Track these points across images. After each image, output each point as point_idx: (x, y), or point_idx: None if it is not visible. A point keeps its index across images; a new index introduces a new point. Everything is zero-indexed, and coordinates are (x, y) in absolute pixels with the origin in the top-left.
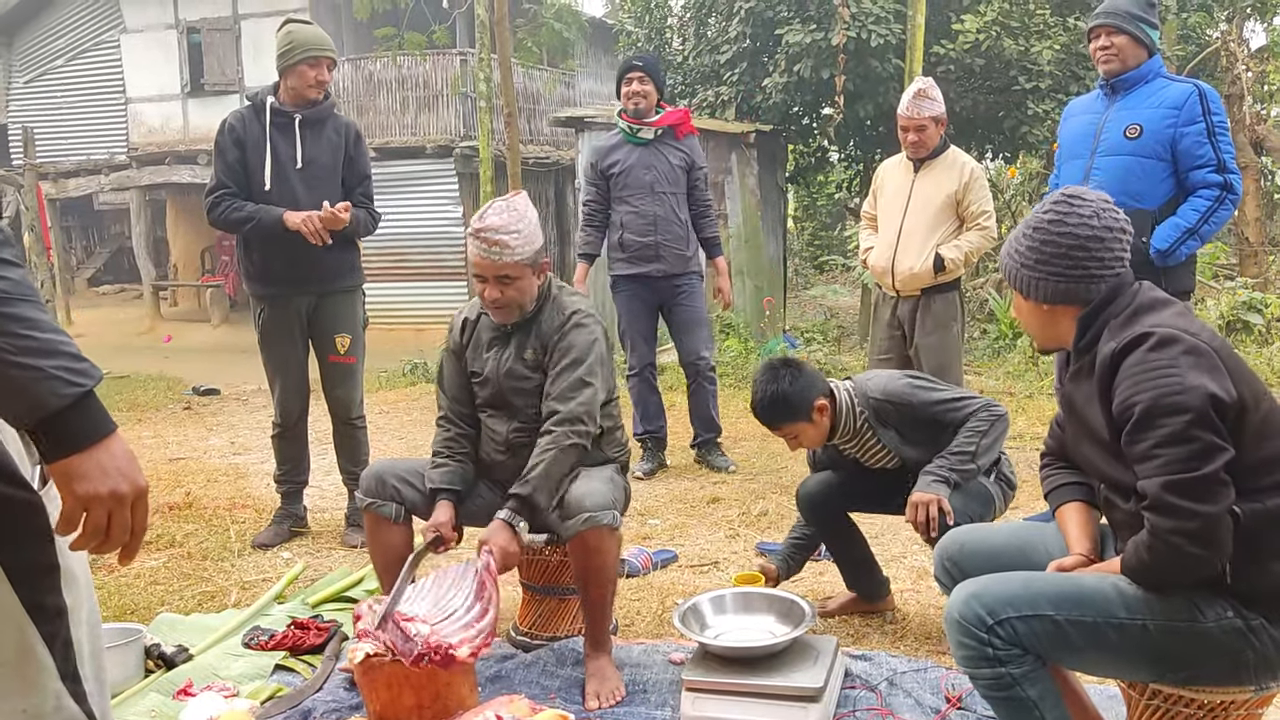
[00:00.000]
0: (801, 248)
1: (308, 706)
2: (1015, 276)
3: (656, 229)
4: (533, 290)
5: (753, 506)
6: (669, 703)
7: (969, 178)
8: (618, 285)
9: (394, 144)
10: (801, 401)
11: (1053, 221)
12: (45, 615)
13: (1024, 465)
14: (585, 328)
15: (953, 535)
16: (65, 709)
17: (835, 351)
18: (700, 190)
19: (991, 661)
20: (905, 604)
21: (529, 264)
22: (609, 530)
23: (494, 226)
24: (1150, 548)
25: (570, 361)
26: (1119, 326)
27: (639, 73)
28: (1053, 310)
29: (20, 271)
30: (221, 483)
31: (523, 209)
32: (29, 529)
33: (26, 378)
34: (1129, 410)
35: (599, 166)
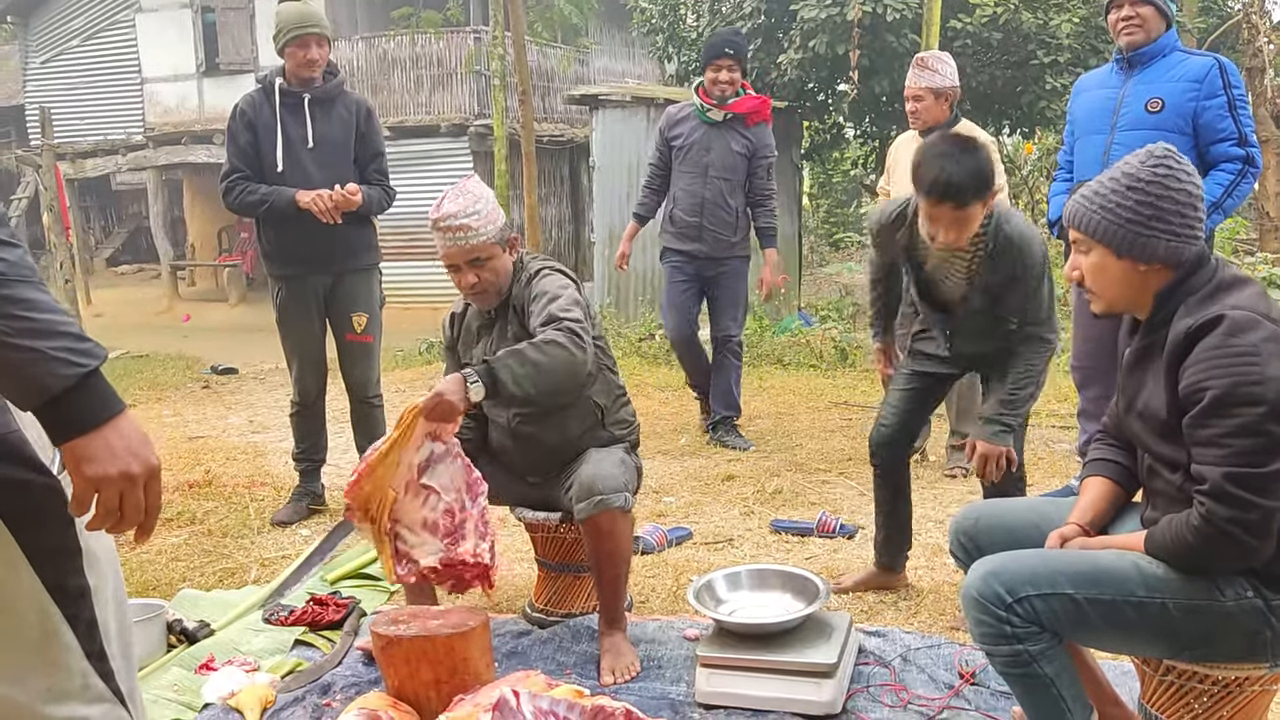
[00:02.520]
0: (817, 225)
1: (327, 680)
2: (1111, 233)
3: (703, 212)
4: (507, 267)
5: (767, 484)
6: (684, 678)
7: None
8: (665, 255)
9: (409, 123)
10: (990, 180)
11: (1159, 179)
12: (68, 596)
13: (1040, 443)
14: (550, 275)
15: (968, 511)
16: (92, 687)
17: (851, 329)
18: (760, 179)
19: (1009, 639)
20: (919, 581)
21: (497, 241)
22: (621, 512)
23: (452, 213)
24: (1199, 531)
25: (546, 299)
26: (1196, 304)
27: (728, 60)
28: (1149, 270)
29: (18, 252)
30: (240, 461)
31: (477, 190)
32: (49, 513)
33: (26, 360)
34: (1199, 394)
35: (665, 133)
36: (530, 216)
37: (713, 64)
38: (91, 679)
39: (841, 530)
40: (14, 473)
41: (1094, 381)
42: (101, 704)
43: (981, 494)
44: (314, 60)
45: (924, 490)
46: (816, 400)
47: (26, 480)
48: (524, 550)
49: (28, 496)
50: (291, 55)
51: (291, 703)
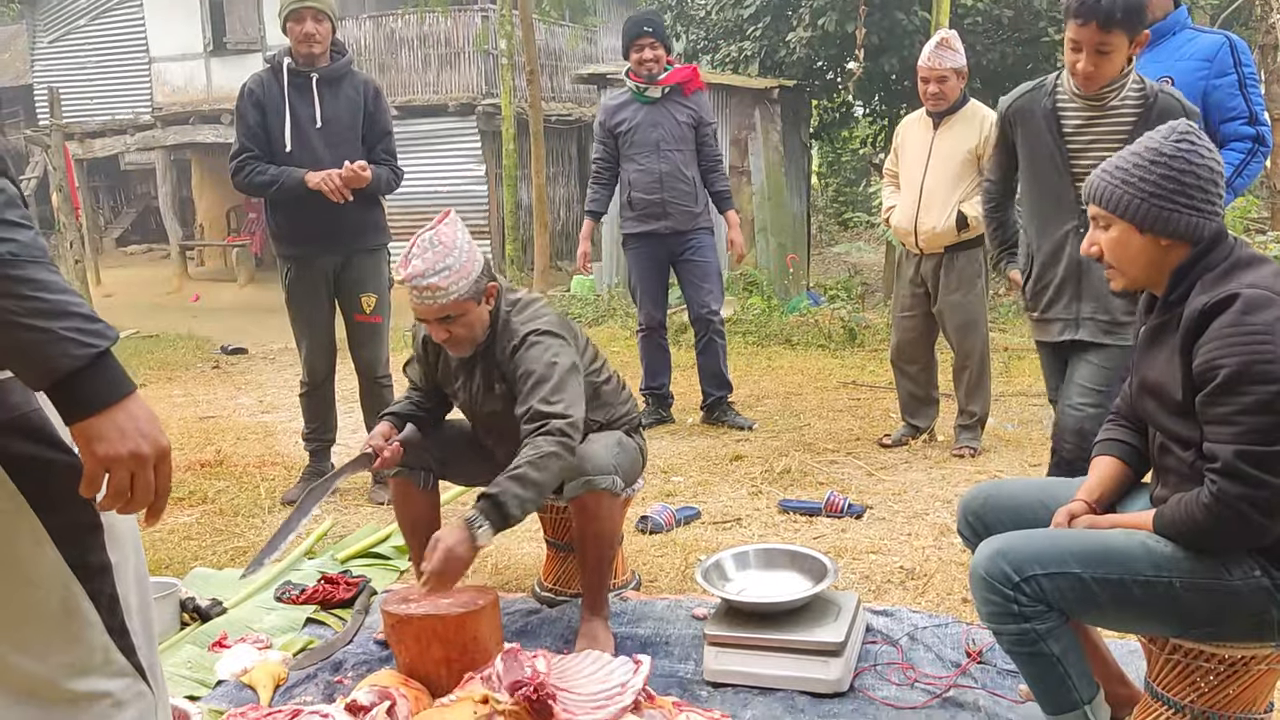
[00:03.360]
0: (825, 204)
1: (339, 658)
2: (1134, 208)
3: (663, 186)
4: (482, 319)
5: (775, 464)
6: (692, 656)
7: (989, 131)
8: (628, 243)
9: (416, 102)
10: (1142, 18)
11: (1181, 154)
12: (89, 572)
13: (1048, 423)
14: (539, 344)
15: (976, 491)
16: (114, 662)
17: (860, 309)
18: (709, 145)
19: (1017, 618)
20: (927, 561)
21: (469, 297)
22: (608, 495)
23: (420, 272)
24: (1209, 509)
25: (536, 380)
26: (1212, 281)
27: (649, 39)
28: (1170, 245)
29: (29, 233)
30: (251, 441)
31: (449, 239)
32: (71, 491)
33: (37, 340)
34: (1213, 371)
35: (607, 125)
36: (538, 196)
37: (634, 45)
38: (113, 654)
39: (850, 510)
40: (36, 450)
41: None
42: (123, 678)
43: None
44: (310, 34)
45: (932, 470)
46: (825, 380)
47: (48, 458)
48: (533, 530)
49: (50, 474)
50: (290, 32)
51: (304, 680)
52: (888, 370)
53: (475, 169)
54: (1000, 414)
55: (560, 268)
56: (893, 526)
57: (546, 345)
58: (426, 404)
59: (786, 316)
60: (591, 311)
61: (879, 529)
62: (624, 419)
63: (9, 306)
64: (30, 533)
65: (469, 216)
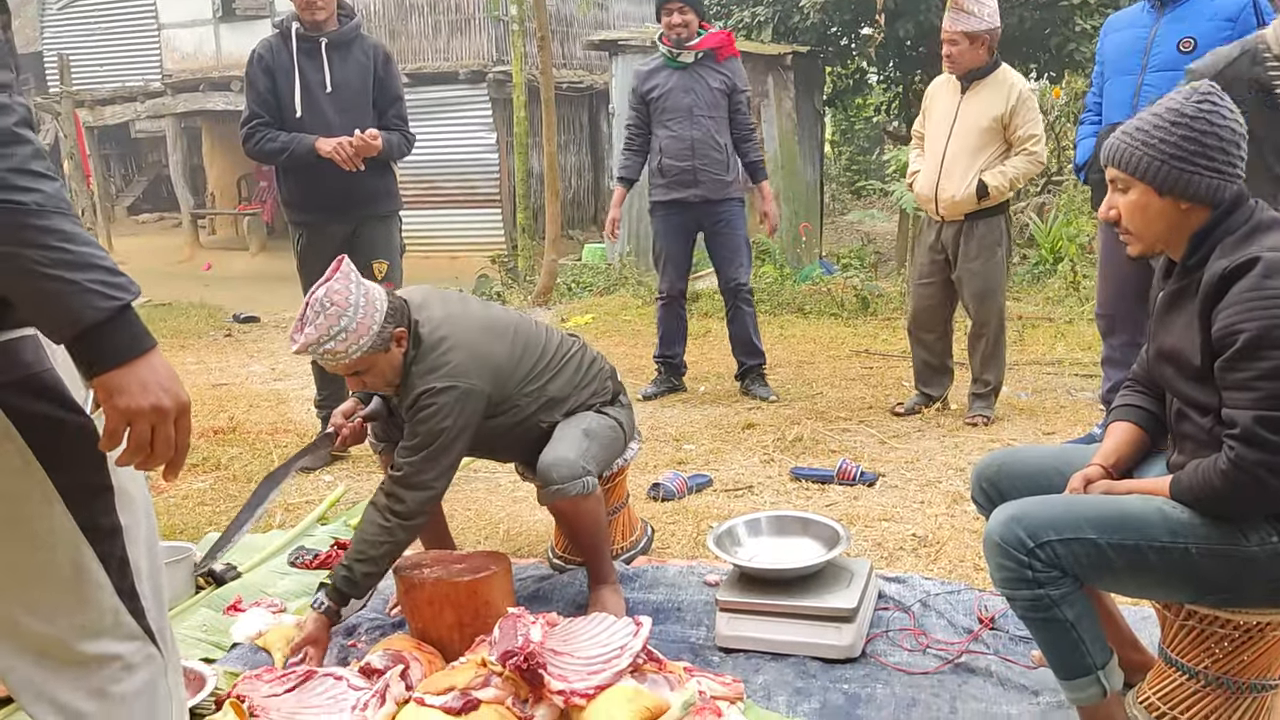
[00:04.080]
0: (838, 173)
1: (352, 623)
2: (1154, 170)
3: (694, 153)
4: (395, 362)
5: (787, 432)
6: (704, 622)
7: (1016, 100)
8: (656, 210)
9: (427, 69)
10: None
11: (1203, 115)
12: (100, 534)
13: (1062, 391)
14: (429, 408)
15: (990, 458)
16: (124, 624)
17: (872, 278)
18: (742, 114)
19: (1031, 583)
20: (939, 528)
21: (374, 350)
22: (581, 498)
23: (313, 341)
24: (1227, 475)
25: (414, 444)
26: (1232, 245)
27: (677, 3)
28: (1190, 209)
29: (54, 185)
30: (263, 408)
31: (340, 298)
32: (83, 451)
33: (62, 291)
34: (1232, 336)
35: (639, 90)
36: (549, 165)
37: (664, 8)
38: (123, 616)
39: (862, 478)
40: (48, 410)
41: (1119, 329)
42: (133, 641)
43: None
44: (312, 1)
45: (945, 438)
46: (837, 349)
47: (60, 418)
48: None
49: (61, 434)
50: None
51: None
52: (900, 339)
53: (486, 137)
54: (1014, 382)
55: (572, 236)
56: (905, 494)
57: (436, 408)
58: None
59: (799, 285)
60: (603, 280)
61: (891, 496)
62: (594, 397)
63: (33, 257)
64: (40, 492)
65: (480, 185)
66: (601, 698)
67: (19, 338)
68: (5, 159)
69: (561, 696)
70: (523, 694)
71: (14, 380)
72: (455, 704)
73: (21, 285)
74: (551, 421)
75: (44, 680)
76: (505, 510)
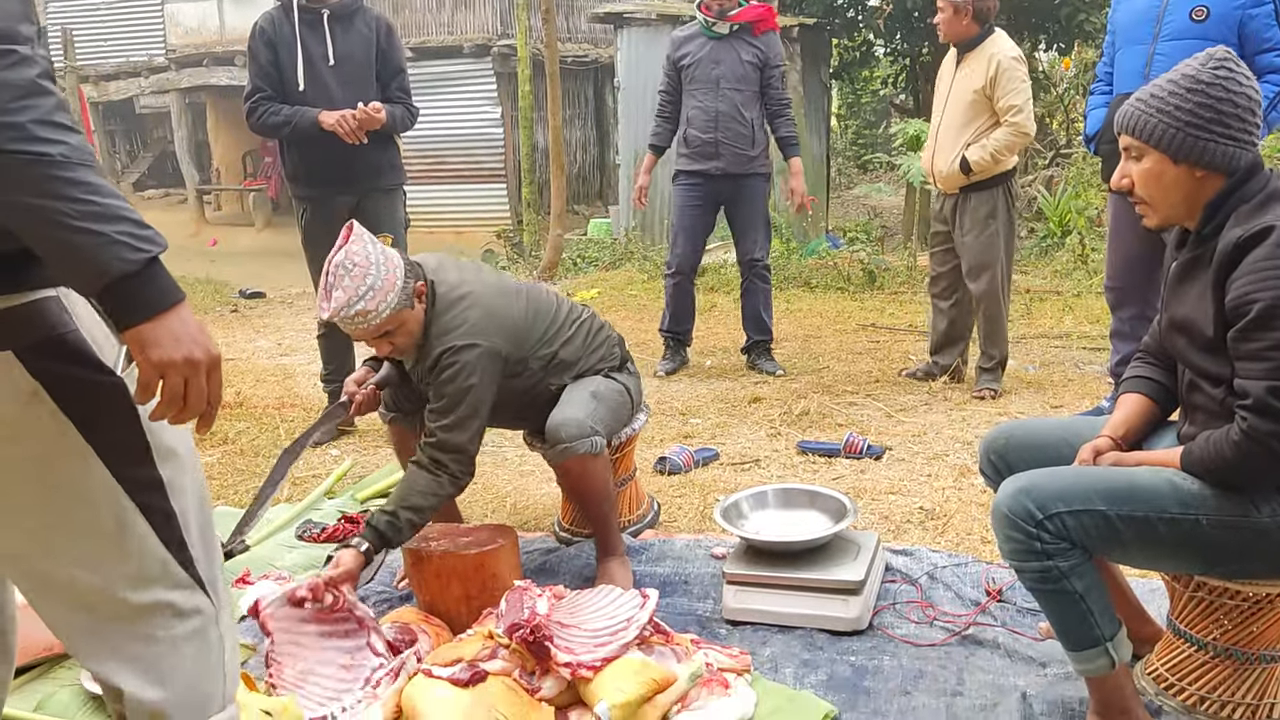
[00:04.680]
0: (845, 147)
1: (360, 595)
2: (1169, 137)
3: (718, 126)
4: (419, 319)
5: (794, 406)
6: (711, 595)
7: (996, 70)
8: (678, 179)
9: (431, 43)
10: None
11: (1219, 81)
12: (139, 486)
13: (1070, 365)
14: (453, 367)
15: (999, 430)
16: (172, 574)
17: (879, 252)
18: (775, 88)
19: (1039, 555)
20: (946, 501)
21: (401, 307)
22: (590, 457)
23: (344, 303)
24: (1239, 446)
25: (442, 406)
26: (1247, 214)
27: None
28: (1205, 177)
29: (78, 137)
30: (270, 383)
31: (362, 257)
32: (116, 409)
33: (90, 243)
34: (1246, 306)
35: (673, 57)
36: (554, 139)
37: None
38: (171, 566)
39: (869, 451)
40: (76, 371)
41: (1128, 302)
42: (182, 590)
43: (1008, 416)
44: None
45: (952, 411)
46: (844, 323)
47: (91, 379)
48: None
49: (92, 394)
50: None
51: None
52: (907, 313)
53: (491, 111)
54: (1021, 356)
55: (577, 211)
56: (912, 467)
57: (460, 366)
58: None
59: (805, 259)
60: (609, 255)
61: (898, 470)
62: (602, 361)
63: (61, 209)
64: (77, 452)
65: (485, 160)
66: (608, 670)
67: (42, 299)
68: (29, 110)
69: (568, 669)
70: (529, 666)
71: (39, 341)
72: (463, 675)
73: (50, 237)
74: (560, 384)
75: (96, 630)
76: (512, 484)
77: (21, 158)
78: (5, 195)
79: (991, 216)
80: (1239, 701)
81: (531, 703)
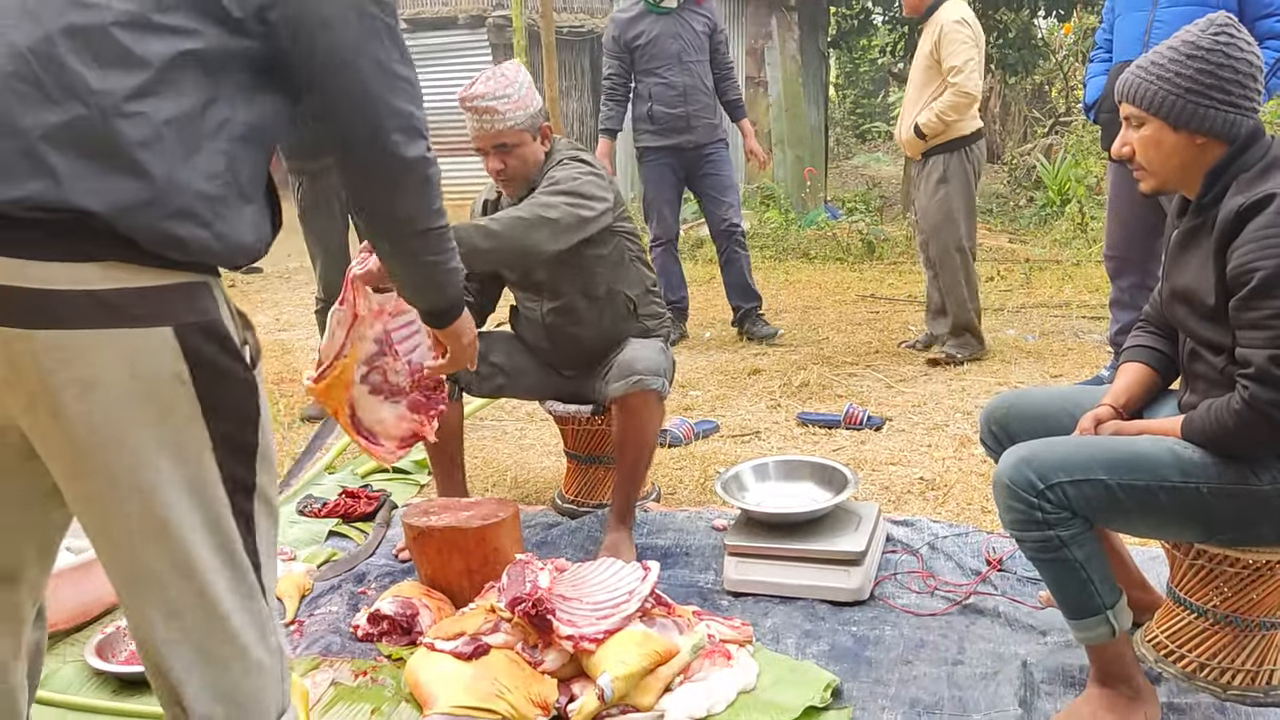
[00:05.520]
0: (843, 116)
1: (361, 570)
2: (1169, 104)
3: (686, 99)
4: (537, 156)
5: (794, 377)
6: (712, 567)
7: (939, 34)
8: (645, 156)
9: (425, 15)
10: None
11: (1219, 47)
12: (238, 487)
13: (1070, 334)
14: (569, 165)
15: (1000, 400)
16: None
17: (878, 222)
18: (722, 53)
19: (1040, 525)
20: (946, 472)
21: (526, 129)
22: (655, 396)
23: (481, 94)
24: (1240, 415)
25: (556, 181)
26: (1248, 181)
27: None
28: (1205, 144)
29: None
30: (268, 358)
31: (513, 74)
32: (243, 407)
33: (452, 284)
34: (1247, 275)
35: (621, 39)
36: (551, 111)
37: None
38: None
39: (869, 422)
40: (224, 361)
41: (1127, 270)
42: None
43: (1008, 386)
44: None
45: (951, 382)
46: (843, 294)
47: (232, 370)
48: (553, 444)
49: (230, 386)
50: None
51: (328, 590)
52: (907, 283)
53: None
54: (1021, 325)
55: None
56: (912, 438)
57: (577, 166)
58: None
59: (804, 230)
60: None
61: (898, 441)
62: (658, 329)
63: (441, 261)
64: (198, 439)
65: None
66: (610, 642)
67: (200, 282)
68: (439, 196)
69: (570, 641)
70: (532, 639)
71: (196, 323)
72: (465, 649)
73: (429, 280)
74: (624, 330)
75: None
76: (513, 458)
77: (434, 232)
78: (419, 257)
79: (943, 181)
80: (1238, 668)
81: (534, 675)
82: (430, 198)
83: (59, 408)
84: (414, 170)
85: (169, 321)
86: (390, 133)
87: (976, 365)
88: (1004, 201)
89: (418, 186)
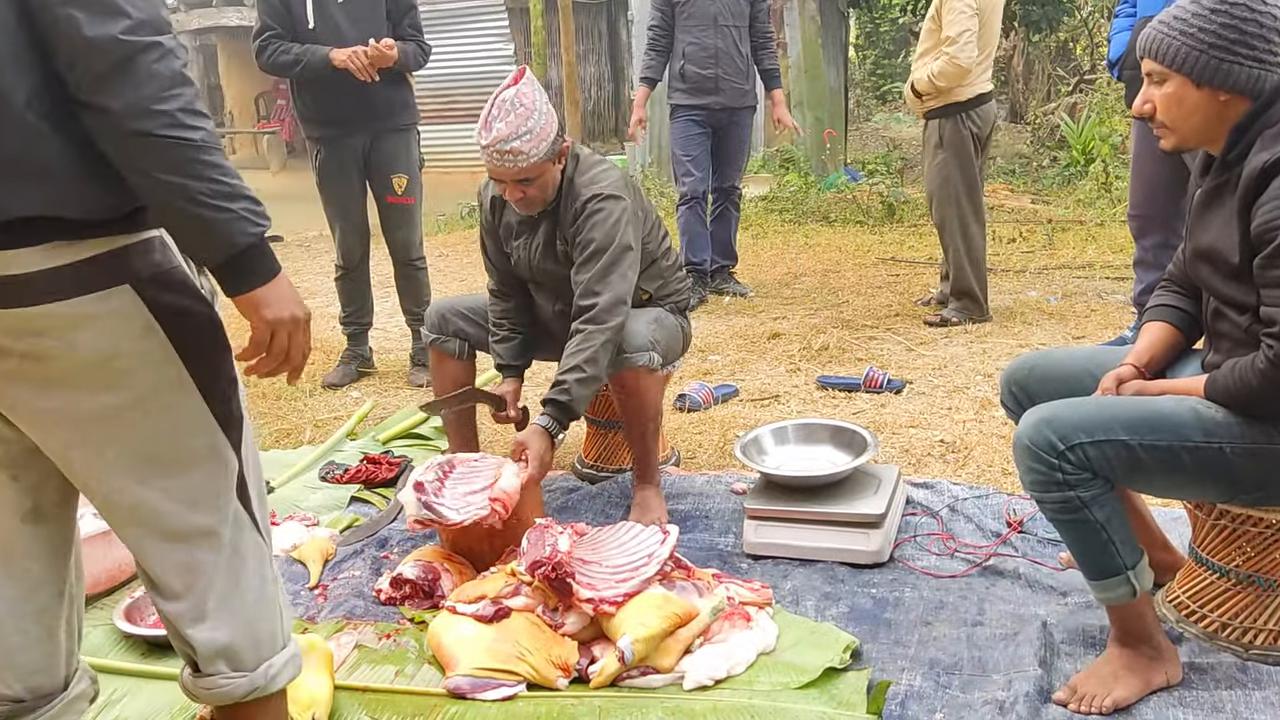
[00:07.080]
0: (863, 77)
1: (384, 535)
2: (1192, 60)
3: (718, 62)
4: (555, 178)
5: (813, 341)
6: (731, 530)
7: (940, 2)
8: (676, 113)
9: None
10: None
11: (1244, 1)
12: (231, 421)
13: (1093, 295)
14: (601, 212)
15: (1021, 361)
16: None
17: (898, 184)
18: (762, 21)
19: (1061, 486)
20: (967, 434)
21: (547, 159)
22: (645, 371)
23: (503, 137)
24: (1264, 374)
25: (590, 254)
26: (1273, 138)
27: None
28: (1229, 100)
29: (210, 123)
30: None
31: (530, 101)
32: (215, 343)
33: (220, 220)
34: (1273, 232)
35: None
36: (568, 76)
37: None
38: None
39: (889, 385)
40: (184, 302)
41: (1151, 230)
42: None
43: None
44: None
45: (971, 344)
46: (863, 256)
47: (195, 310)
48: None
49: (196, 325)
50: None
51: (351, 555)
52: (927, 245)
53: (503, 48)
54: (1044, 287)
55: (592, 148)
56: (932, 401)
57: (608, 213)
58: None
59: (824, 193)
60: None
61: (918, 403)
62: (673, 295)
63: (199, 188)
64: (181, 383)
65: None
66: (631, 605)
67: (151, 237)
68: (177, 99)
69: (590, 604)
70: (552, 603)
71: (151, 276)
72: (486, 612)
73: (185, 212)
74: (644, 291)
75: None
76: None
77: (168, 141)
78: (151, 174)
79: (939, 145)
80: (1260, 628)
81: (555, 638)
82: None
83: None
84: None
85: (127, 278)
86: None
87: (998, 327)
88: (1027, 162)
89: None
